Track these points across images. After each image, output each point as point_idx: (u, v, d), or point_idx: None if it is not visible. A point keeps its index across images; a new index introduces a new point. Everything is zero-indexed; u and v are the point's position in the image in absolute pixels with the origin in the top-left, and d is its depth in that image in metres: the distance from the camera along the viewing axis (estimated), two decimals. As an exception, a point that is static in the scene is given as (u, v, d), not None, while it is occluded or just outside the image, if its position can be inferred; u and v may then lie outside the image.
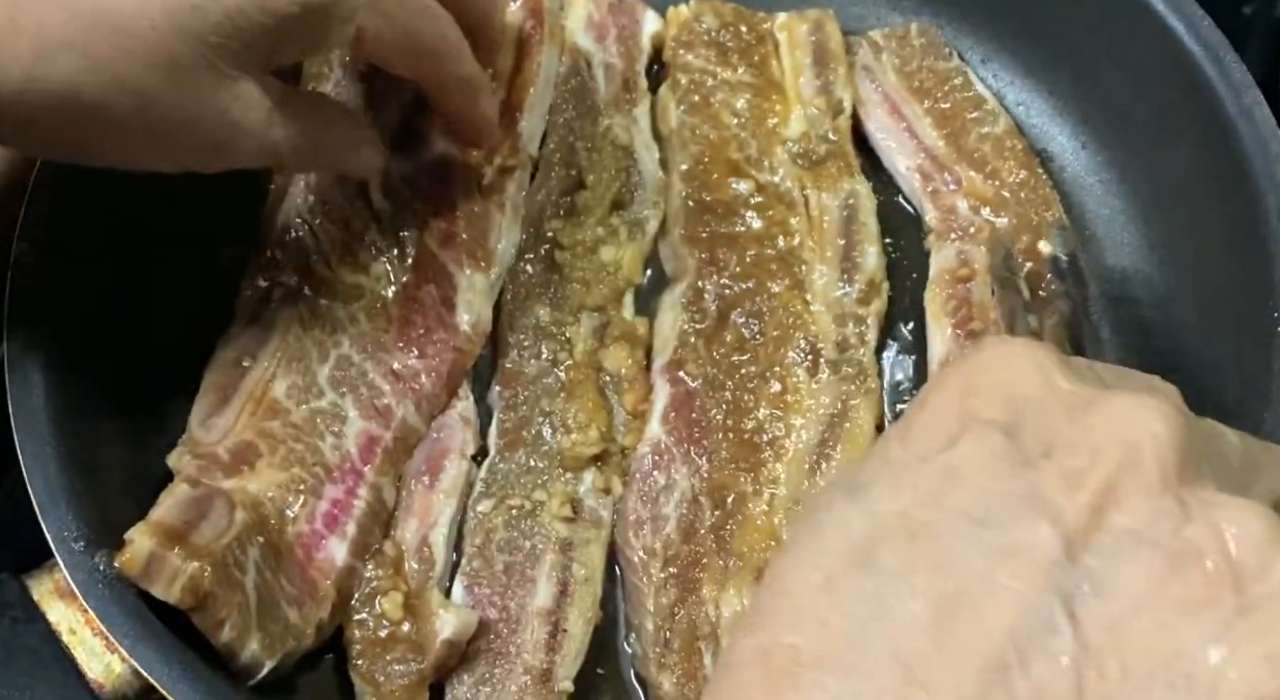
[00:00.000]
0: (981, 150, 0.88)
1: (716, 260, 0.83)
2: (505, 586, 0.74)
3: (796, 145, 0.87)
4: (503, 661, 0.72)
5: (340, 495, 0.74)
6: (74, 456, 0.69)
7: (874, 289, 0.83)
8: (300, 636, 0.70)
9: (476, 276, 0.80)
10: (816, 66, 0.90)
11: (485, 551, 0.75)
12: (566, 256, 0.83)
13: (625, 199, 0.86)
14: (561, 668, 0.72)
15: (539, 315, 0.82)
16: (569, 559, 0.75)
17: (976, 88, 0.91)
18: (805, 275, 0.83)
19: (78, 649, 0.65)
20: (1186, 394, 0.79)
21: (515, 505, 0.76)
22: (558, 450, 0.78)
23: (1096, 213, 0.89)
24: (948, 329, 0.82)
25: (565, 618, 0.73)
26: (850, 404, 0.79)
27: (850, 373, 0.80)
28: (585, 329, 0.81)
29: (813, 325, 0.81)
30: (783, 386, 0.79)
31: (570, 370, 0.80)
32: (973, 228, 0.86)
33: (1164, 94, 0.85)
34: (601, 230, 0.84)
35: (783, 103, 0.89)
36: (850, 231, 0.85)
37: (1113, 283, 0.87)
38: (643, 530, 0.75)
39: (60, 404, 0.70)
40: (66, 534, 0.66)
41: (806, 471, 0.77)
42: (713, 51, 0.90)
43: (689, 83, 0.89)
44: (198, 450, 0.73)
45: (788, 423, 0.78)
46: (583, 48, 0.90)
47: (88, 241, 0.76)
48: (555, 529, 0.75)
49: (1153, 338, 0.85)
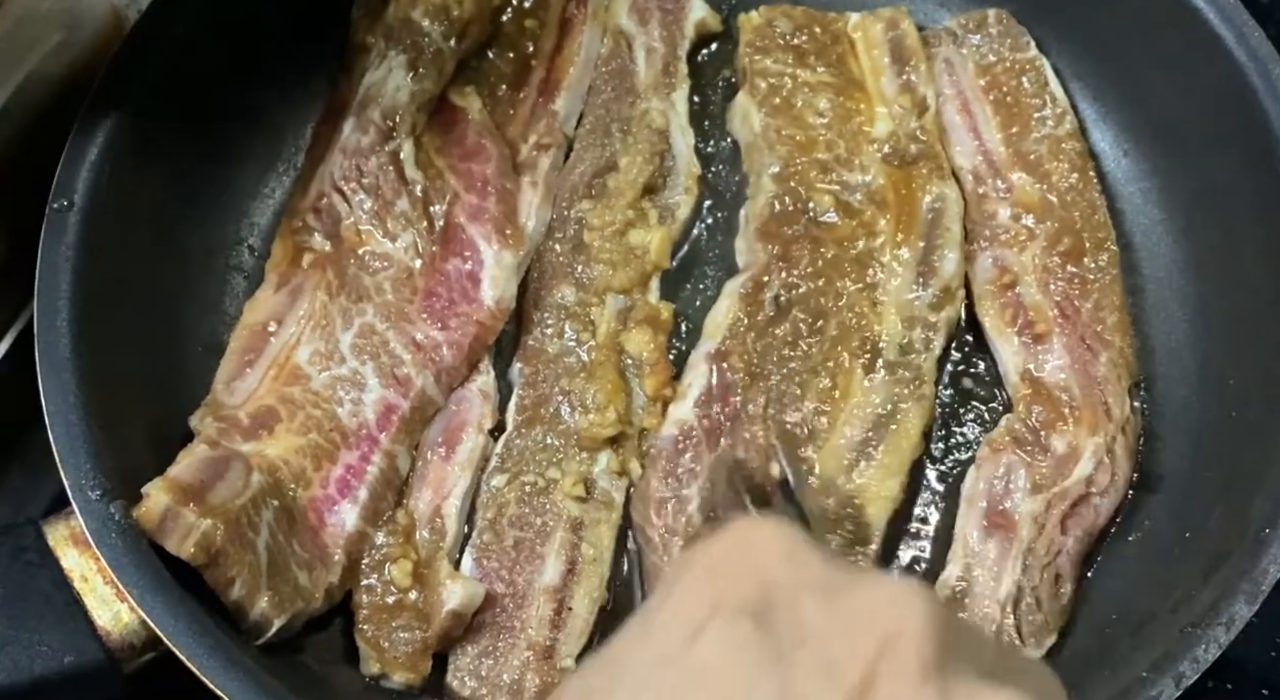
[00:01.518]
0: (1038, 151, 0.87)
1: (789, 256, 0.82)
2: (514, 562, 0.74)
3: (887, 145, 0.86)
4: (507, 635, 0.72)
5: (354, 461, 0.74)
6: (97, 408, 0.69)
7: (949, 295, 0.82)
8: (309, 599, 0.70)
9: (505, 253, 0.80)
10: (896, 64, 0.89)
11: (496, 526, 0.75)
12: (595, 237, 0.83)
13: (657, 183, 0.86)
14: (565, 645, 0.73)
15: (564, 294, 0.82)
16: (578, 538, 0.75)
17: (1050, 83, 0.90)
18: (879, 277, 0.82)
19: (88, 596, 0.65)
20: (1207, 412, 0.79)
21: (529, 482, 0.76)
22: (575, 429, 0.78)
23: (1135, 221, 0.88)
24: (1014, 339, 0.82)
25: (571, 596, 0.74)
26: (901, 407, 0.79)
27: (906, 376, 0.80)
28: (609, 311, 0.81)
29: (877, 326, 0.81)
30: (833, 382, 0.79)
31: (592, 351, 0.80)
32: (1008, 234, 0.85)
33: (1209, 104, 0.84)
34: (631, 213, 0.84)
35: (866, 101, 0.88)
36: (933, 234, 0.84)
37: (1147, 292, 0.86)
38: (665, 509, 0.76)
39: (86, 356, 0.71)
40: (84, 482, 0.66)
41: (845, 466, 0.77)
42: (789, 54, 0.89)
43: (768, 87, 0.88)
44: (219, 413, 0.74)
45: (833, 417, 0.78)
46: (625, 29, 0.90)
47: (122, 200, 0.76)
48: (567, 507, 0.76)
49: (1182, 351, 0.84)
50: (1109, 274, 0.84)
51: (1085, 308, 0.83)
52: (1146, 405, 0.83)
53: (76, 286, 0.72)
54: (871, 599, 0.42)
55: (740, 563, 0.44)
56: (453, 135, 0.83)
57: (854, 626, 0.41)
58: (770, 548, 0.44)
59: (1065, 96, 0.90)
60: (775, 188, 0.85)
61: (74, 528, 0.66)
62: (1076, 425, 0.79)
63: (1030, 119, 0.89)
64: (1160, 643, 0.68)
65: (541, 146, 0.84)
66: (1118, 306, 0.83)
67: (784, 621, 0.42)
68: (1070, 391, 0.80)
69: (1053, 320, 0.82)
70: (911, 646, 0.41)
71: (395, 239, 0.80)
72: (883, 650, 0.41)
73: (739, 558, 0.44)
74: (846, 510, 0.75)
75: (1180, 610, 0.70)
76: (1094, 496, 0.77)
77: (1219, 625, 0.67)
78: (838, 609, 0.42)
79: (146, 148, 0.77)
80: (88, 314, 0.72)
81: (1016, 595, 0.74)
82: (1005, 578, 0.74)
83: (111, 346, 0.72)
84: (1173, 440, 0.81)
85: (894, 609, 0.42)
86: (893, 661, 0.41)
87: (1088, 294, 0.83)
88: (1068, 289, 0.83)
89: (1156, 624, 0.72)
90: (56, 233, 0.73)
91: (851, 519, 0.75)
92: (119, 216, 0.76)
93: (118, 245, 0.75)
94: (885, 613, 0.42)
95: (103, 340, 0.72)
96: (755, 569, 0.44)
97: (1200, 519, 0.76)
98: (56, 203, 0.74)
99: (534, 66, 0.88)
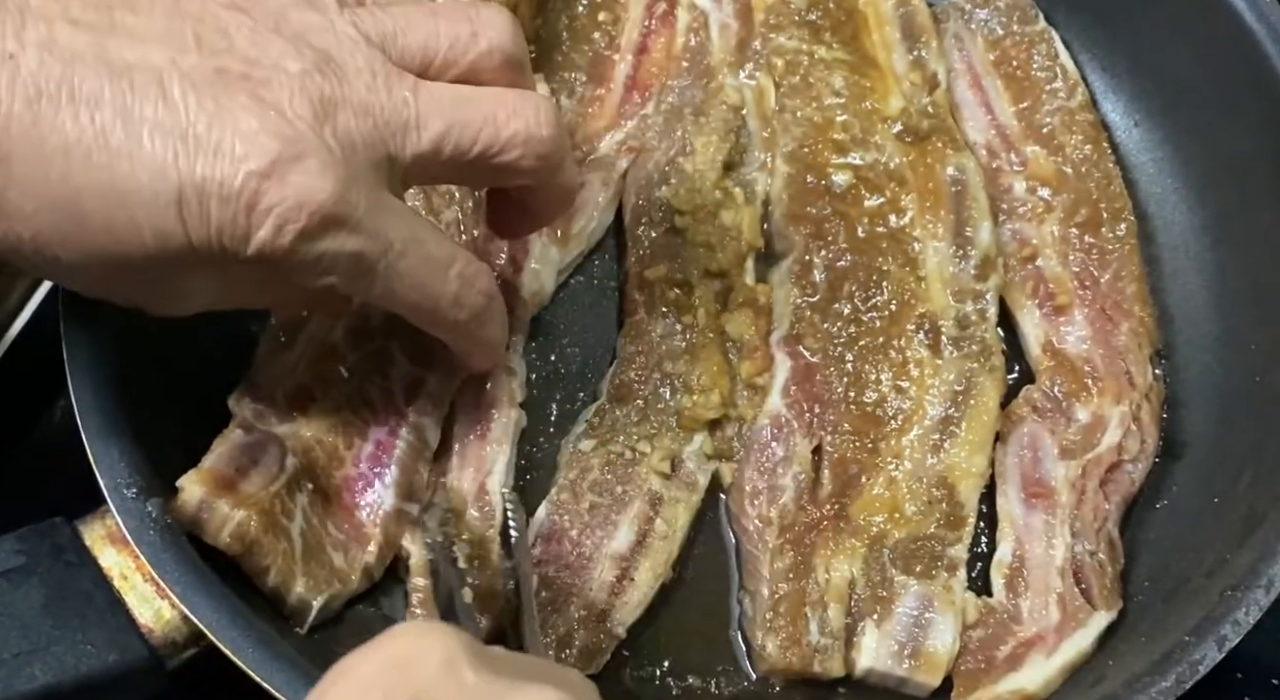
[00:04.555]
0: (1051, 124, 0.88)
1: (823, 234, 0.82)
2: (586, 525, 0.75)
3: (898, 122, 0.86)
4: (564, 592, 0.73)
5: (384, 436, 0.74)
6: (129, 404, 0.68)
7: (990, 264, 0.82)
8: (345, 580, 0.70)
9: (552, 248, 0.80)
10: (907, 40, 0.89)
11: (576, 487, 0.76)
12: (687, 221, 0.83)
13: (735, 160, 0.86)
14: (620, 612, 0.73)
15: (665, 277, 0.81)
16: (655, 513, 0.75)
17: (1060, 56, 0.90)
18: (918, 253, 0.82)
19: (129, 594, 0.65)
20: (1230, 378, 0.80)
21: (616, 451, 0.77)
22: (675, 409, 0.78)
23: (1149, 191, 0.89)
24: (1034, 311, 0.83)
25: (636, 567, 0.74)
26: (975, 381, 0.79)
27: (974, 350, 0.80)
28: (709, 293, 0.81)
29: (928, 302, 0.81)
30: (903, 360, 0.79)
31: (695, 334, 0.80)
32: (1025, 208, 0.85)
33: (1222, 72, 0.84)
34: (719, 194, 0.84)
35: (880, 79, 0.88)
36: (962, 206, 0.84)
37: (1163, 262, 0.87)
38: (758, 500, 0.76)
39: (116, 352, 0.70)
40: (120, 481, 0.66)
41: (930, 447, 0.77)
42: (805, 30, 0.89)
43: (785, 65, 0.88)
44: (257, 393, 0.73)
45: (911, 398, 0.78)
46: (699, 5, 0.90)
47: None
48: (650, 482, 0.76)
49: (1200, 319, 0.85)
50: (1127, 244, 0.84)
51: (1104, 278, 0.83)
52: (1168, 374, 0.83)
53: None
54: None
55: (392, 676, 0.44)
56: None
57: None
58: (427, 659, 0.44)
59: (1076, 68, 0.90)
60: (790, 168, 0.85)
61: (110, 526, 0.65)
62: (1100, 396, 0.79)
63: (1041, 92, 0.89)
64: (1199, 607, 0.69)
65: (629, 149, 0.84)
66: (1136, 276, 0.83)
67: None
68: (1092, 362, 0.81)
69: (1073, 292, 0.83)
70: None
71: (438, 215, 0.79)
72: None
73: (391, 671, 0.44)
74: (938, 492, 0.76)
75: (1216, 575, 0.71)
76: (1126, 463, 0.77)
77: (1259, 587, 0.67)
78: None
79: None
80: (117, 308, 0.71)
81: (1075, 562, 0.74)
82: (1058, 545, 0.75)
83: (141, 338, 0.71)
84: (1196, 407, 0.82)
85: None
86: None
87: (1106, 264, 0.84)
88: (1086, 260, 0.84)
89: (1191, 589, 0.72)
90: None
91: (945, 499, 0.76)
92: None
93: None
94: None
95: (132, 332, 0.71)
96: (407, 683, 0.44)
97: (1228, 484, 0.76)
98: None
99: (615, 60, 0.88)
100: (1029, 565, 0.75)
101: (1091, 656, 0.73)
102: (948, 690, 0.73)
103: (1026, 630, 0.73)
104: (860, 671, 0.73)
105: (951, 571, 0.74)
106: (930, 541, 0.75)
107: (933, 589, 0.73)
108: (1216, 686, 0.67)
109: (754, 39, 0.89)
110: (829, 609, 0.73)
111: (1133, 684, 0.66)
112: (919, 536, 0.75)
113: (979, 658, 0.73)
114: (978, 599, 0.74)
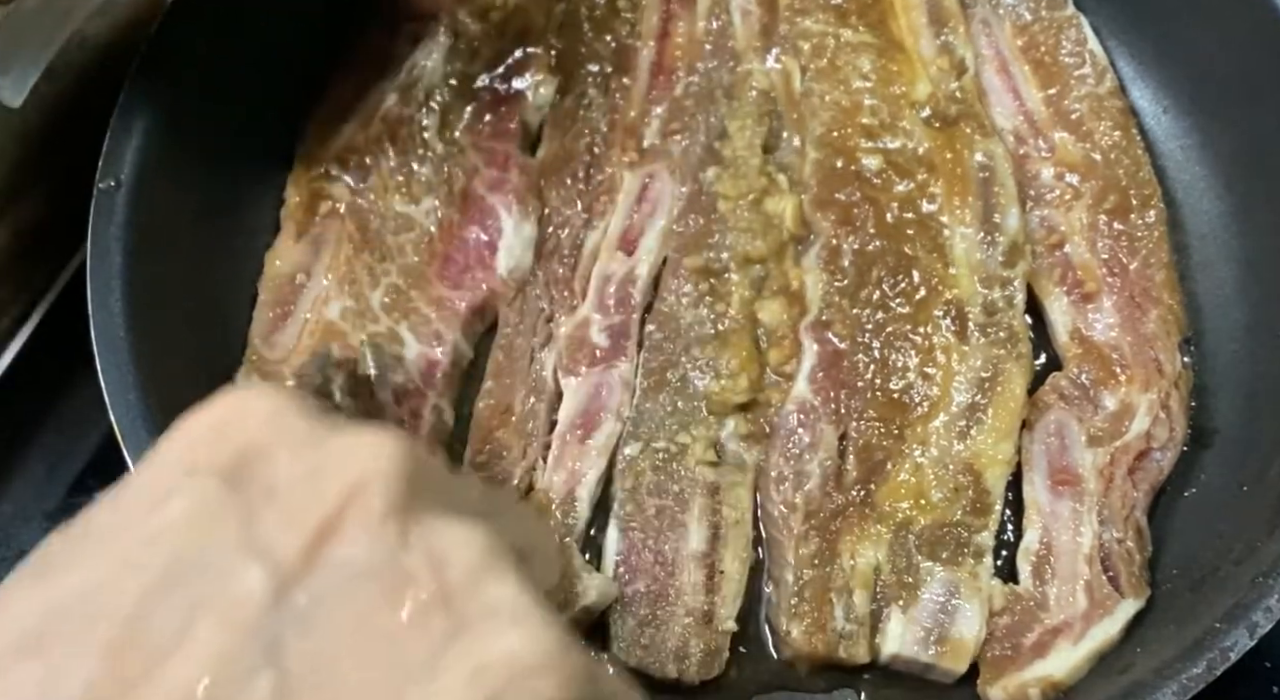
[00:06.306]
0: (1079, 110, 0.87)
1: (851, 220, 0.82)
2: (659, 530, 0.74)
3: (926, 107, 0.86)
4: (664, 603, 0.72)
5: (405, 417, 0.75)
6: (154, 387, 0.69)
7: (1017, 251, 0.82)
8: None
9: (524, 224, 0.81)
10: (934, 25, 0.89)
11: (636, 496, 0.75)
12: (730, 207, 0.82)
13: (771, 143, 0.85)
14: (723, 608, 0.73)
15: (702, 263, 0.81)
16: (717, 503, 0.75)
17: (1089, 42, 0.89)
18: (946, 239, 0.82)
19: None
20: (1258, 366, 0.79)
21: (660, 448, 0.76)
22: (703, 394, 0.78)
23: (1177, 178, 0.88)
24: (1063, 298, 0.82)
25: (720, 559, 0.74)
26: (1002, 368, 0.78)
27: (1001, 337, 0.79)
28: (746, 279, 0.81)
29: (955, 289, 0.80)
30: (930, 346, 0.79)
31: (726, 319, 0.80)
32: (1053, 194, 0.85)
33: (1251, 58, 0.83)
34: (764, 180, 0.83)
35: (907, 64, 0.88)
36: (990, 192, 0.83)
37: (1191, 249, 0.86)
38: (784, 486, 0.76)
39: (141, 336, 0.70)
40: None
41: (957, 434, 0.77)
42: (830, 14, 0.89)
43: (811, 48, 0.87)
44: (264, 369, 0.74)
45: (938, 384, 0.78)
46: None
47: (168, 177, 0.76)
48: (702, 473, 0.76)
49: (1229, 307, 0.84)
50: (1156, 231, 0.84)
51: (1133, 265, 0.83)
52: (1196, 361, 0.82)
53: (128, 266, 0.72)
54: (344, 447, 0.42)
55: (219, 428, 0.43)
56: (494, 116, 0.83)
57: (324, 475, 0.42)
58: (254, 411, 0.43)
59: (1104, 54, 0.89)
60: (819, 153, 0.84)
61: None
62: (1129, 383, 0.79)
63: (1070, 78, 0.89)
64: (1229, 595, 0.68)
65: (671, 132, 0.84)
66: (1165, 263, 0.83)
67: (257, 479, 0.42)
68: (1120, 350, 0.80)
69: (1101, 279, 0.82)
70: (378, 489, 0.41)
71: (418, 201, 0.81)
72: (352, 495, 0.41)
73: (218, 424, 0.43)
74: (964, 478, 0.75)
75: (1245, 562, 0.70)
76: (1154, 451, 0.77)
77: (1291, 575, 0.67)
78: (310, 460, 0.42)
79: (190, 122, 0.77)
80: (141, 295, 0.71)
81: (1103, 550, 0.74)
82: (1085, 533, 0.74)
83: (165, 322, 0.72)
84: (1224, 395, 0.81)
85: (366, 455, 0.42)
86: (358, 505, 0.41)
87: (1135, 251, 0.83)
88: (1115, 247, 0.83)
89: (1220, 577, 0.71)
90: (106, 213, 0.73)
91: (971, 486, 0.75)
92: (166, 193, 0.75)
93: (166, 222, 0.75)
94: (356, 459, 0.42)
95: (157, 318, 0.71)
96: (234, 432, 0.43)
97: (1257, 472, 0.76)
98: (104, 183, 0.73)
99: (637, 47, 0.88)
100: (1056, 552, 0.74)
101: (1119, 644, 0.72)
102: (973, 677, 0.72)
103: (1053, 617, 0.73)
104: (885, 658, 0.73)
105: (978, 558, 0.74)
106: (956, 528, 0.74)
107: (959, 575, 0.73)
108: (1244, 675, 0.66)
109: (779, 23, 0.89)
110: (854, 595, 0.73)
111: (1162, 671, 0.65)
112: (945, 523, 0.75)
113: (1005, 645, 0.72)
114: (1004, 586, 0.74)
